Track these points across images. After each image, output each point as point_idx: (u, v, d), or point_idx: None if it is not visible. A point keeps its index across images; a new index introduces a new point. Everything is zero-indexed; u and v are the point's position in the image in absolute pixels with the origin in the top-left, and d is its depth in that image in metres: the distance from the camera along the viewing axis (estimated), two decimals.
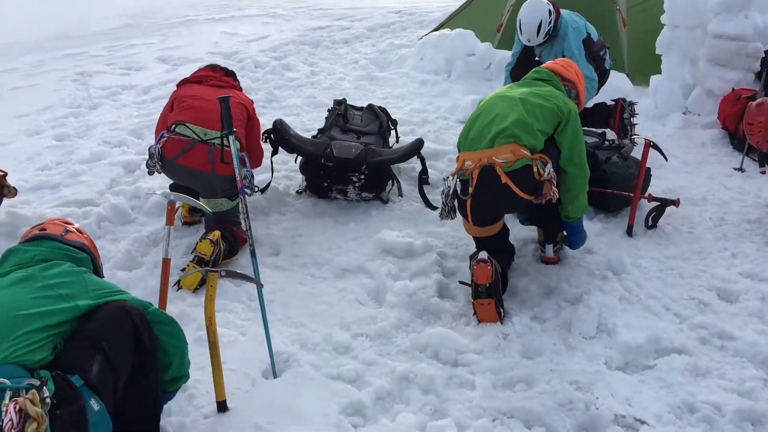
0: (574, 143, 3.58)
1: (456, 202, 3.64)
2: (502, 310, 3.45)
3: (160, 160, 4.05)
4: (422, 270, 3.93)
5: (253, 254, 3.17)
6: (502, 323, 3.43)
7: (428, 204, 4.67)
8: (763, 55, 5.91)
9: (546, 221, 3.88)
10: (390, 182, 4.80)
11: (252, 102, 4.48)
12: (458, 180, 3.55)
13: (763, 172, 5.12)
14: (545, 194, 3.46)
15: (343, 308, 3.63)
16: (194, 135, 4.01)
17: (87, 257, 2.61)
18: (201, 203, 3.64)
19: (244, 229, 3.35)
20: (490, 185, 3.43)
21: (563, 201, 3.63)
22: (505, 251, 3.77)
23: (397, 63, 8.23)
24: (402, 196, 4.80)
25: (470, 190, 3.47)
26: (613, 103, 5.12)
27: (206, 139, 4.00)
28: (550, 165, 3.42)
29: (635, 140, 5.00)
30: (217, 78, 4.47)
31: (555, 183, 3.46)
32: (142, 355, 2.38)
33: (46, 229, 2.67)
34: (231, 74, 4.64)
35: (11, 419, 1.88)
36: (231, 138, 3.14)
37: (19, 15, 11.61)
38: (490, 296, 3.38)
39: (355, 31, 9.73)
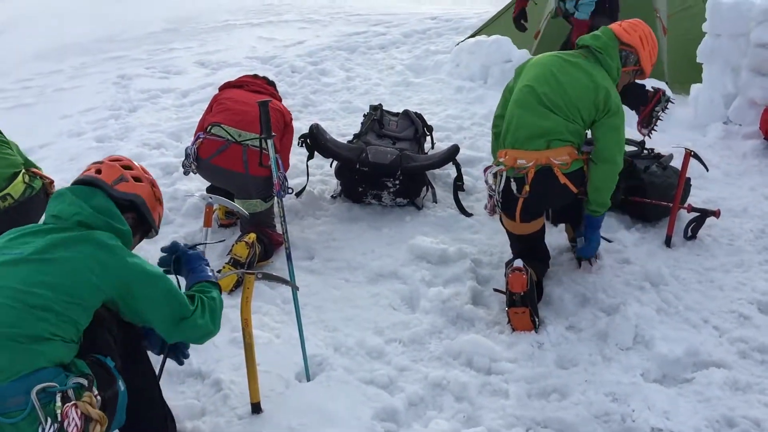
0: (608, 139, 3.54)
1: (501, 199, 3.64)
2: (536, 319, 3.42)
3: (196, 160, 4.13)
4: (456, 276, 3.91)
5: (288, 257, 3.20)
6: (536, 332, 3.41)
7: (463, 211, 4.65)
8: None
9: (572, 214, 3.85)
10: (425, 188, 4.80)
11: (290, 113, 4.51)
12: (512, 179, 3.55)
13: None
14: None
15: (376, 313, 3.64)
16: (229, 136, 4.07)
17: (128, 231, 2.42)
18: (237, 205, 3.68)
19: (280, 231, 3.37)
20: (548, 185, 3.47)
21: (588, 192, 3.61)
22: (541, 255, 3.77)
23: (433, 69, 8.20)
24: (436, 203, 4.79)
25: (526, 188, 3.48)
26: (652, 90, 4.98)
27: (240, 140, 4.06)
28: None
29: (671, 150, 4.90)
30: (257, 85, 4.55)
31: None
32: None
33: (101, 171, 2.50)
34: (272, 84, 4.72)
35: (76, 425, 1.92)
36: (270, 142, 3.17)
37: (71, 17, 11.88)
38: (525, 305, 3.36)
39: (391, 37, 9.72)
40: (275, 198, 4.04)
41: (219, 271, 3.85)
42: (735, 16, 6.05)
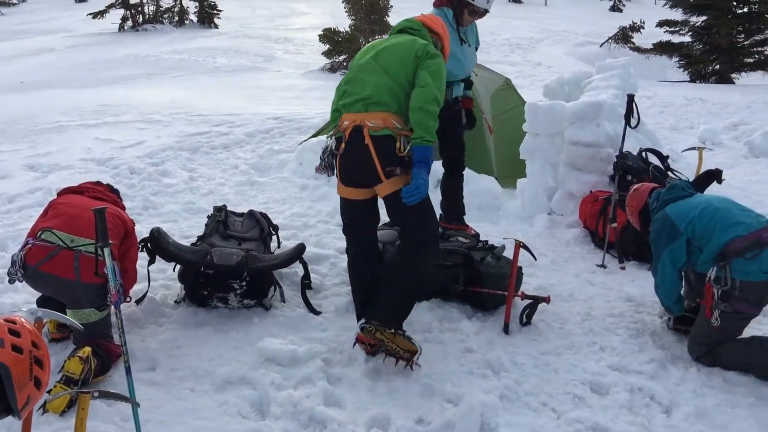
0: (424, 73, 3.70)
1: (326, 158, 3.97)
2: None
3: (23, 267, 3.87)
4: (307, 377, 3.86)
5: (128, 371, 3.04)
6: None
7: (311, 309, 4.66)
8: (615, 160, 6.47)
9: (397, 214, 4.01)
10: (272, 288, 4.77)
11: (133, 221, 4.39)
12: (334, 138, 3.87)
13: (623, 268, 5.52)
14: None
15: (224, 423, 3.49)
16: (60, 242, 3.87)
17: None
18: (70, 318, 3.46)
19: (118, 343, 3.21)
20: (356, 144, 3.74)
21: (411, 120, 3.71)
22: (369, 244, 4.21)
23: (277, 168, 8.34)
24: (285, 302, 4.76)
25: (342, 145, 3.80)
26: None
27: (72, 246, 3.87)
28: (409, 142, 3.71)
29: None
30: (99, 191, 4.40)
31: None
32: None
33: None
34: (115, 191, 4.59)
35: None
36: (106, 249, 3.05)
37: None
38: None
39: (234, 137, 9.78)
40: (111, 306, 3.86)
41: (49, 391, 3.55)
42: (550, 117, 6.72)
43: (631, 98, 5.60)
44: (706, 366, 3.97)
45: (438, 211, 5.83)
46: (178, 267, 4.75)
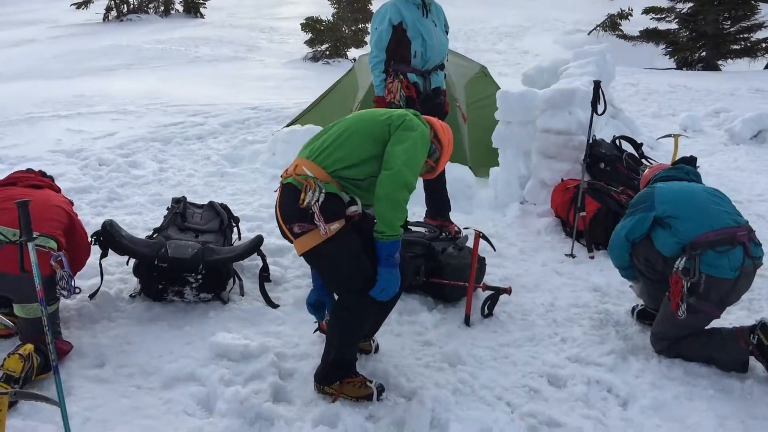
0: (394, 149, 3.23)
1: None
2: None
3: None
4: (257, 373, 3.75)
5: (56, 370, 2.91)
6: None
7: (269, 302, 4.55)
8: None
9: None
10: (231, 281, 4.65)
11: (71, 203, 4.27)
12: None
13: (592, 257, 5.42)
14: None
15: (168, 421, 3.37)
16: (2, 236, 3.74)
17: None
18: (7, 319, 3.34)
19: (66, 339, 3.09)
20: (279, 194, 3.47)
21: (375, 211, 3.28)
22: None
23: (249, 159, 8.21)
24: (243, 295, 4.65)
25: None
26: None
27: (15, 239, 3.73)
28: (320, 194, 3.18)
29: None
30: (33, 178, 4.25)
31: (322, 219, 3.18)
32: None
33: None
34: (49, 177, 4.47)
35: None
36: (30, 245, 2.93)
37: None
38: None
39: (209, 127, 9.64)
40: (59, 300, 3.76)
41: None
42: (522, 105, 6.60)
43: (597, 85, 5.47)
44: (668, 357, 3.87)
45: (422, 207, 5.72)
46: (133, 261, 4.62)
